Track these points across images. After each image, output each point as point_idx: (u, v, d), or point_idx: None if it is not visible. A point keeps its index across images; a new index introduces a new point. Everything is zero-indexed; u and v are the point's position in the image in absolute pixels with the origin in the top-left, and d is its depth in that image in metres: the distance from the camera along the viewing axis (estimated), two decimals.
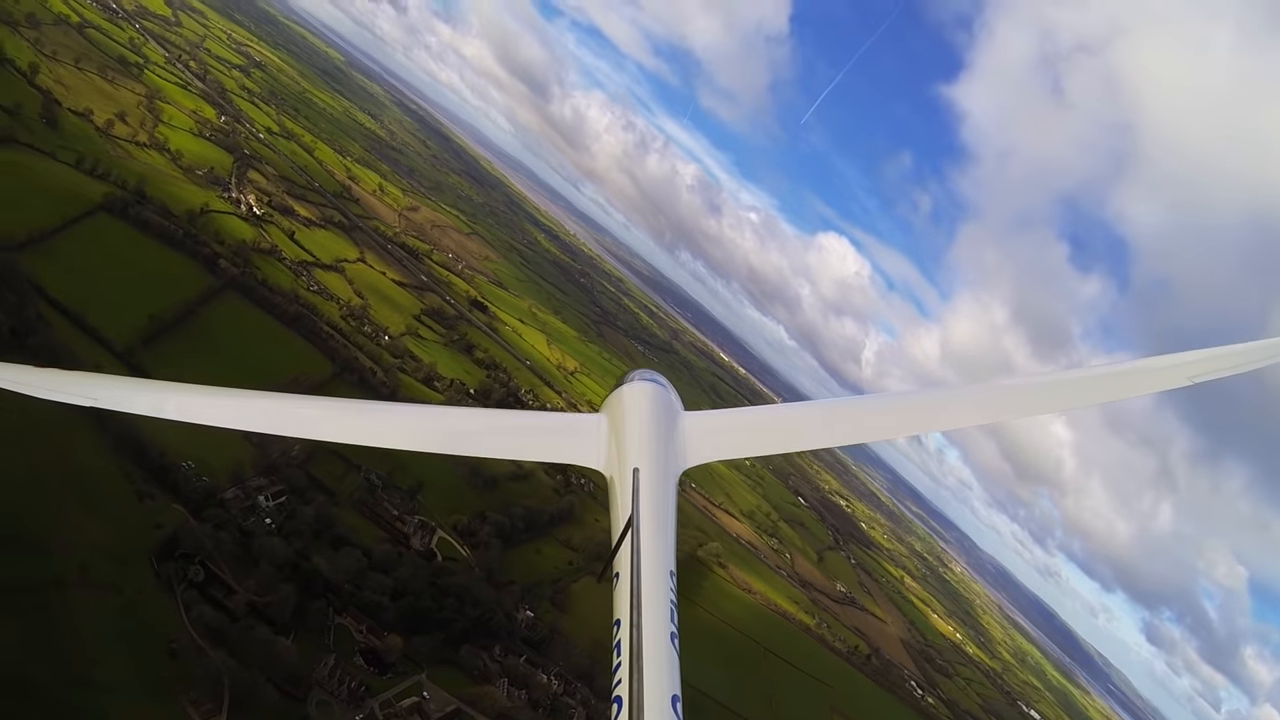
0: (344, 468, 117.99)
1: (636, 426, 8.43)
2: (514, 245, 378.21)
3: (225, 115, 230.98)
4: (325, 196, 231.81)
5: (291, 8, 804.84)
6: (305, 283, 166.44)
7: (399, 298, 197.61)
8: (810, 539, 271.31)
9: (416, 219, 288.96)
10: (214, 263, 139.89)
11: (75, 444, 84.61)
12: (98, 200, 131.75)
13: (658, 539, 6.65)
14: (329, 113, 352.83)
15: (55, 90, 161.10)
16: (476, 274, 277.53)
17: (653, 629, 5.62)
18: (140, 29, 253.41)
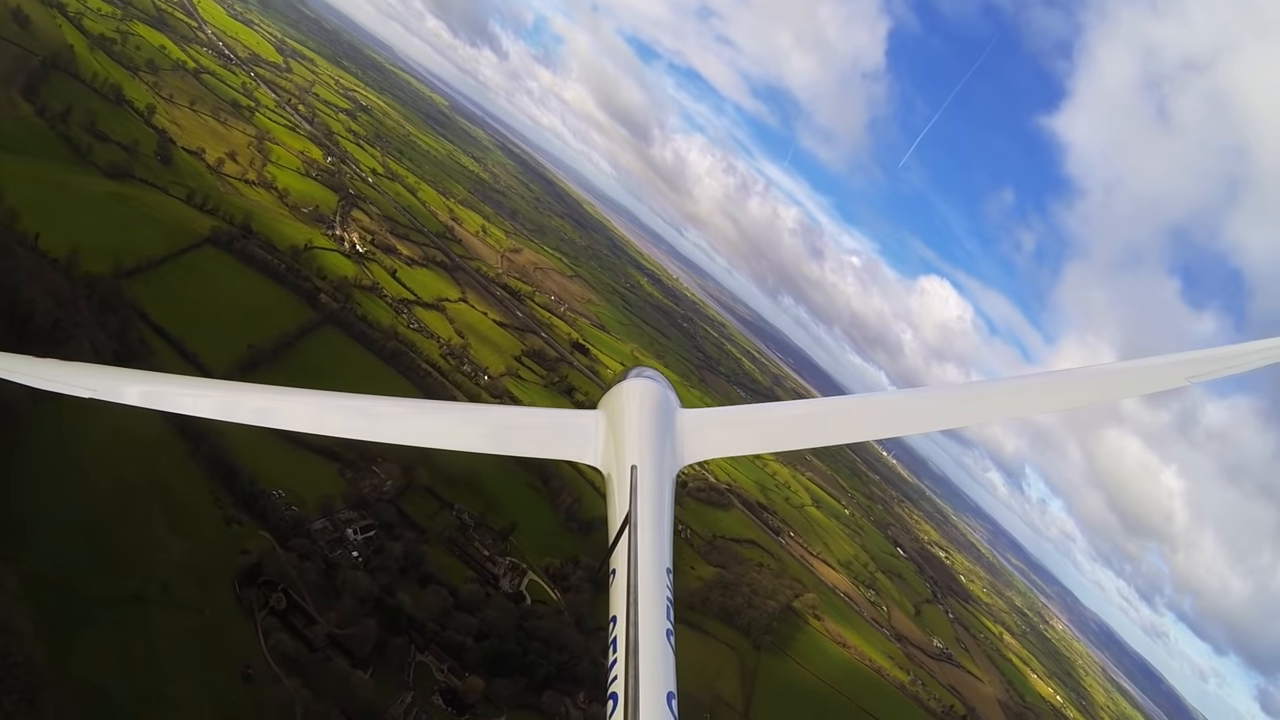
0: (436, 505, 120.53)
1: (634, 424, 8.79)
2: (617, 288, 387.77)
3: (331, 156, 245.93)
4: (428, 236, 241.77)
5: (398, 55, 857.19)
6: (405, 320, 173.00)
7: (500, 338, 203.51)
8: (908, 591, 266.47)
9: (519, 260, 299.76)
10: (315, 297, 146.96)
11: (166, 464, 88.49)
12: (205, 233, 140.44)
13: (655, 536, 7.04)
14: (433, 155, 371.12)
15: (170, 130, 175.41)
16: (579, 316, 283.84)
17: (649, 626, 5.98)
18: (253, 75, 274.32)
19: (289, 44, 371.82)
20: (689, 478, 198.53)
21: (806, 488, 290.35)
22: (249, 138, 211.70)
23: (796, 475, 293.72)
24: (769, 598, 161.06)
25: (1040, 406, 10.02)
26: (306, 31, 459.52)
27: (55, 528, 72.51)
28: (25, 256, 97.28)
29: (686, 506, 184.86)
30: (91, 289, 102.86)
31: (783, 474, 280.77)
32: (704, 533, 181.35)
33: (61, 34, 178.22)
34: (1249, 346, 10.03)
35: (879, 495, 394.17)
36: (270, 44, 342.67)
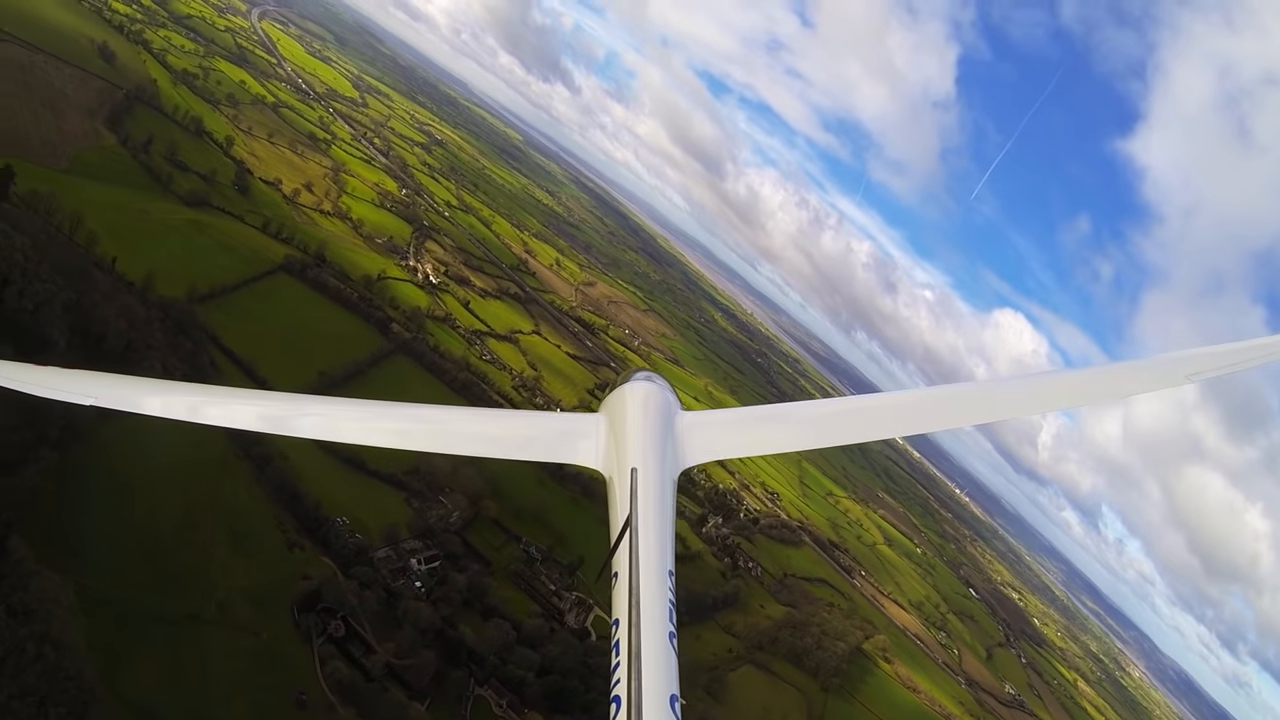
0: (503, 538, 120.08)
1: (635, 426, 8.90)
2: (691, 323, 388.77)
3: (406, 189, 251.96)
4: (502, 269, 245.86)
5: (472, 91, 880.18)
6: (478, 351, 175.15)
7: (572, 371, 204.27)
8: (980, 634, 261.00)
9: (593, 294, 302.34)
10: (387, 326, 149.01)
11: (231, 488, 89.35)
12: (279, 261, 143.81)
13: (656, 539, 7.07)
14: (507, 189, 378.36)
15: (248, 161, 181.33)
16: (652, 350, 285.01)
17: (651, 629, 5.98)
18: (330, 109, 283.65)
19: (365, 80, 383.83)
20: (761, 515, 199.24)
21: (879, 525, 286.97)
22: (325, 170, 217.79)
23: (869, 513, 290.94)
24: (839, 639, 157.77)
25: (1043, 405, 10.21)
26: (382, 68, 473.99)
27: (116, 546, 72.96)
28: (102, 279, 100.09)
29: (757, 543, 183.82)
30: (165, 312, 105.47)
31: (855, 511, 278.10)
32: (775, 571, 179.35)
33: (146, 69, 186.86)
34: (1247, 345, 10.26)
35: (951, 534, 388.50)
36: (347, 80, 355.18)
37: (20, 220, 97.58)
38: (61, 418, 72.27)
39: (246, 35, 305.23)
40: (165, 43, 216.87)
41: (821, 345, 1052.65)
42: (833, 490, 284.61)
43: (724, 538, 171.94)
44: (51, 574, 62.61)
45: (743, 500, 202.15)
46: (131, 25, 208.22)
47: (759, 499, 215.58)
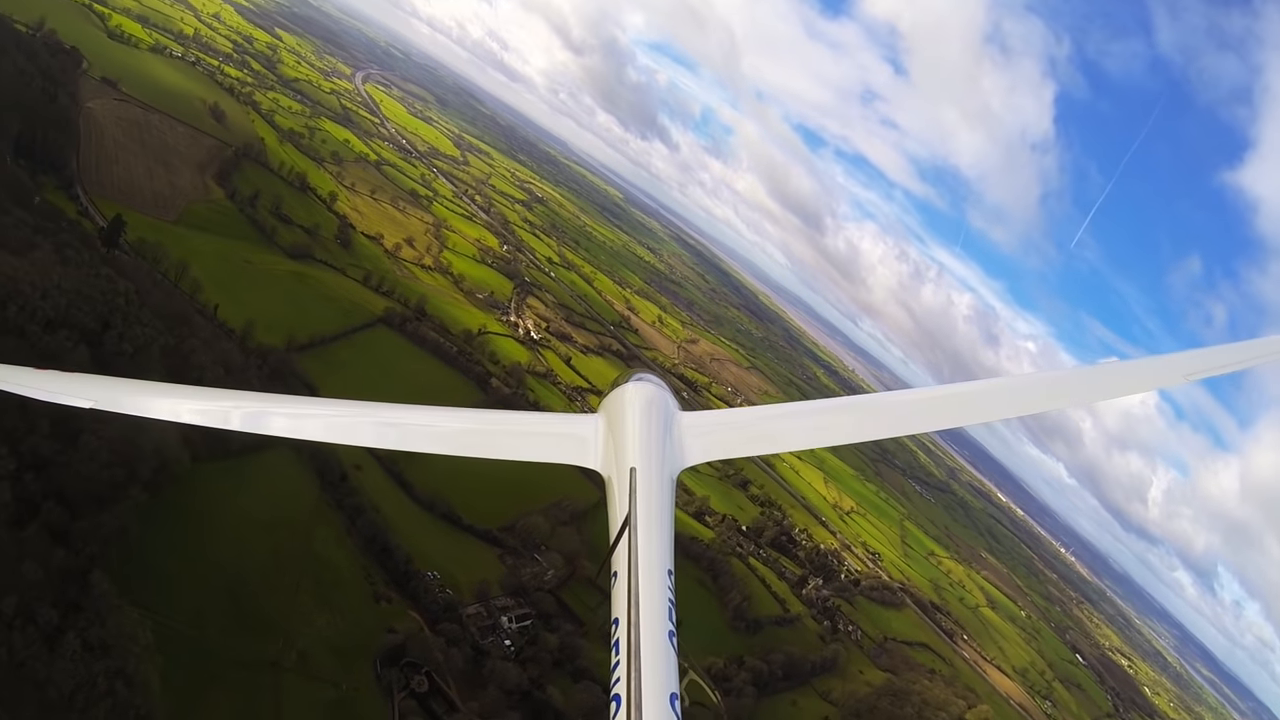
0: (598, 599, 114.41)
1: (633, 427, 8.89)
2: (793, 380, 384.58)
3: (507, 245, 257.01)
4: (604, 325, 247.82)
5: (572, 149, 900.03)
6: (579, 407, 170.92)
7: None
8: (1087, 704, 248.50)
9: (695, 351, 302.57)
10: (486, 381, 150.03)
11: (321, 536, 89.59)
12: (379, 314, 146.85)
13: (656, 538, 7.11)
14: (608, 246, 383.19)
15: (351, 216, 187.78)
16: None
17: (651, 627, 6.09)
18: (431, 167, 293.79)
19: (466, 139, 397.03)
20: (862, 575, 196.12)
21: (982, 587, 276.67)
22: (426, 225, 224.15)
23: (972, 573, 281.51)
24: (940, 709, 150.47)
25: (1042, 404, 10.53)
26: (483, 127, 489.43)
27: (201, 587, 72.88)
28: (203, 325, 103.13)
29: (858, 605, 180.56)
30: (263, 359, 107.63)
31: (957, 572, 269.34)
32: (875, 634, 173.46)
33: (254, 128, 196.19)
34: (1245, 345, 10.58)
35: (1057, 596, 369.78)
36: (448, 139, 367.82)
37: (126, 267, 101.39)
38: (155, 458, 73.05)
39: (351, 97, 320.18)
40: (273, 104, 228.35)
41: None
42: (935, 550, 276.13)
43: (824, 599, 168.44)
44: (131, 610, 62.87)
45: (844, 561, 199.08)
46: (242, 88, 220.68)
47: (860, 559, 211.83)
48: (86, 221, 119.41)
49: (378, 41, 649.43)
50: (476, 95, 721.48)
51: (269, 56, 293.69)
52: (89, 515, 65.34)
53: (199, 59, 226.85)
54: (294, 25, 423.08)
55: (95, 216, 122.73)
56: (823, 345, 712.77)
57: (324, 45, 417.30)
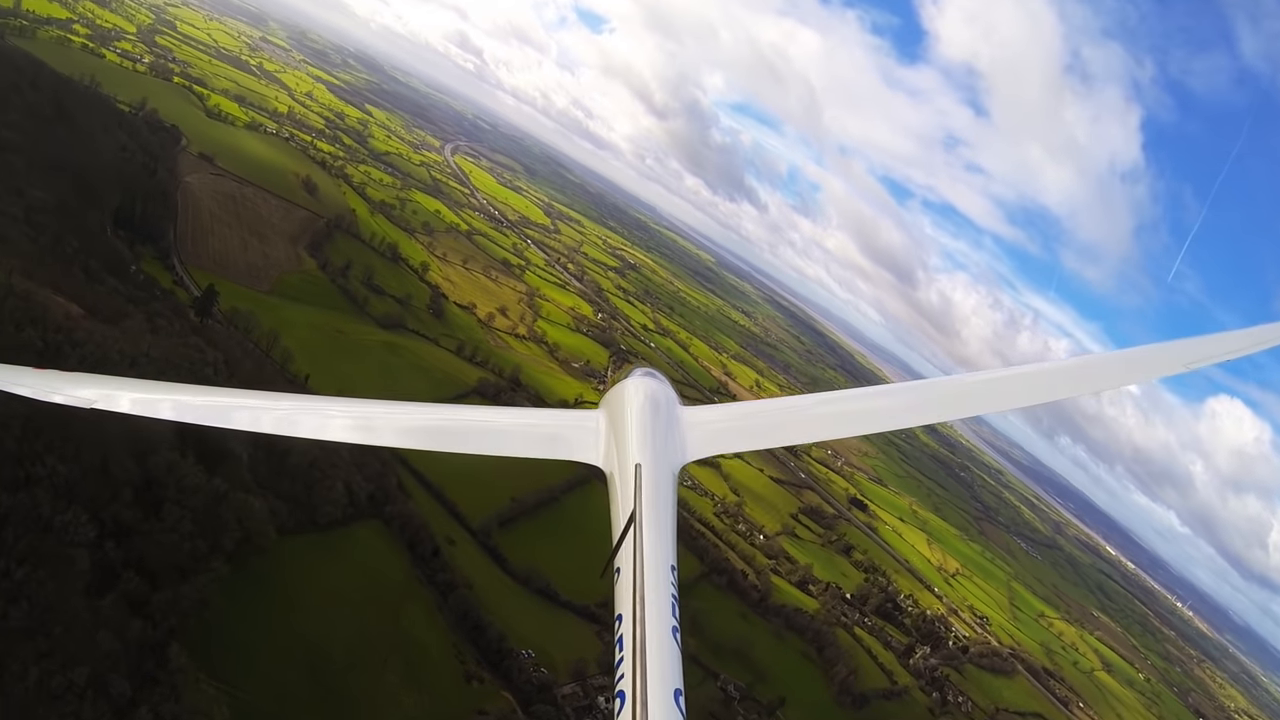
0: (700, 675, 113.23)
1: (636, 422, 8.78)
2: (892, 439, 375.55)
3: (601, 312, 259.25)
4: (701, 391, 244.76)
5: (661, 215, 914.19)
6: (679, 477, 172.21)
7: (775, 496, 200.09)
8: None
9: None
10: None
11: (410, 613, 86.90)
12: (472, 384, 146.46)
13: (659, 534, 6.99)
14: (703, 311, 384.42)
15: (443, 285, 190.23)
16: (855, 470, 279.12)
17: (655, 624, 6.02)
18: (523, 236, 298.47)
19: (556, 207, 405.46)
20: (970, 641, 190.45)
21: (1096, 649, 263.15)
22: (520, 294, 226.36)
23: (1084, 635, 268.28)
24: None
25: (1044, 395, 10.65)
26: (572, 195, 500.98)
27: (283, 663, 70.72)
28: None
29: (967, 674, 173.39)
30: None
31: (1069, 634, 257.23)
32: (986, 705, 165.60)
33: (346, 200, 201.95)
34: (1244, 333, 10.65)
35: (1176, 655, 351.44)
36: (538, 208, 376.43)
37: (218, 337, 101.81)
38: (240, 530, 72.23)
39: (440, 169, 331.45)
40: (365, 176, 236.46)
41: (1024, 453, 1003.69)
42: (1044, 611, 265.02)
43: (932, 669, 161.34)
44: (209, 685, 61.87)
45: (951, 626, 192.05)
46: (334, 162, 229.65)
47: (968, 624, 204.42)
48: (181, 291, 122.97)
49: (465, 114, 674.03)
50: (564, 164, 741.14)
51: (360, 131, 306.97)
52: (169, 586, 64.20)
53: (292, 135, 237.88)
54: (383, 101, 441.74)
55: (190, 286, 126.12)
56: None
57: (413, 119, 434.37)
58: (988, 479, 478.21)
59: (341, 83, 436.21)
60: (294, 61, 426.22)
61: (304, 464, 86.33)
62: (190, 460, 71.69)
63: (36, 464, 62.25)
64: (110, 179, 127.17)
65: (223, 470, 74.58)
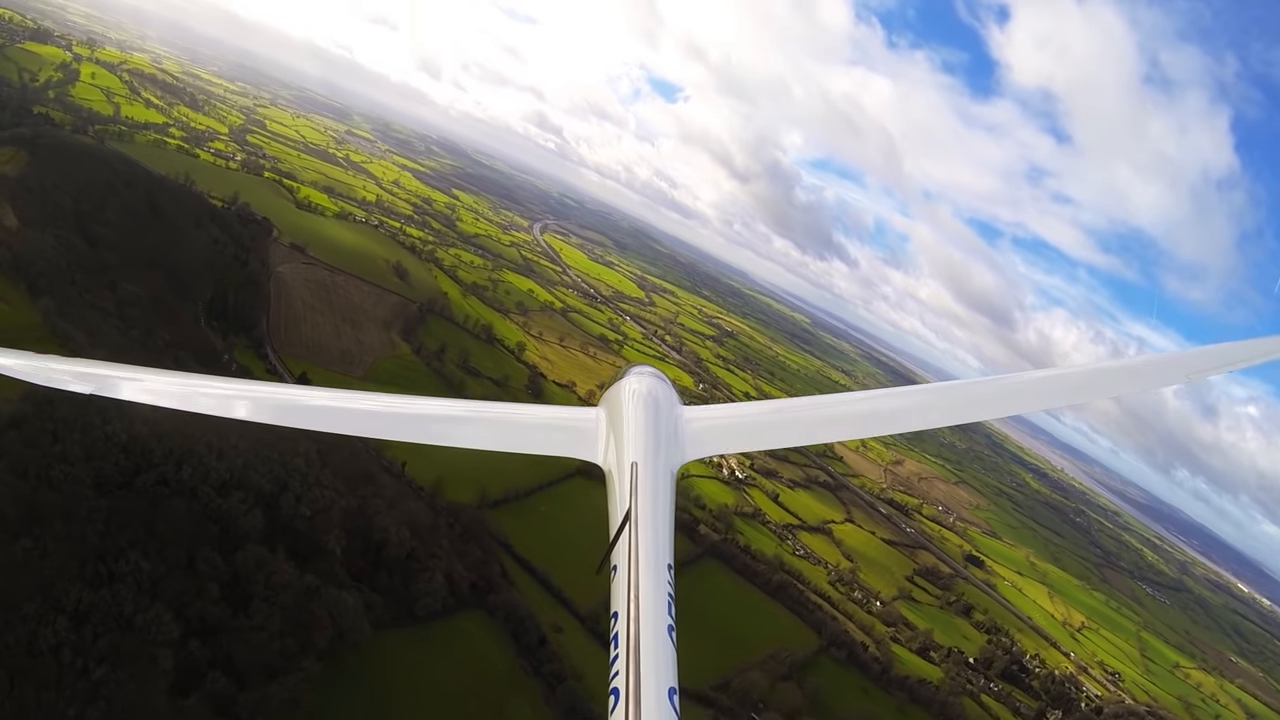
0: None
1: (634, 421, 8.80)
2: (1003, 489, 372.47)
3: (703, 383, 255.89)
4: (808, 457, 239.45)
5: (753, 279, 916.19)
6: (790, 547, 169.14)
7: (889, 559, 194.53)
8: None
9: (901, 472, 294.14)
10: (694, 529, 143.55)
11: (515, 705, 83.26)
12: (574, 465, 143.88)
13: (656, 533, 7.01)
14: (803, 373, 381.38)
15: (540, 365, 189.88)
16: (969, 525, 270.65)
17: (650, 622, 6.06)
18: (617, 310, 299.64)
19: (649, 280, 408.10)
20: (1104, 701, 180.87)
21: (1238, 699, 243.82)
22: (618, 370, 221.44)
23: (1224, 684, 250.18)
24: None
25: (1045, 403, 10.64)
26: (663, 267, 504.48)
27: None
28: (389, 484, 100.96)
29: None
30: (454, 518, 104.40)
31: (1208, 684, 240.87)
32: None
33: (438, 284, 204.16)
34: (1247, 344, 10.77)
35: None
36: (631, 281, 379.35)
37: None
38: (333, 626, 69.69)
39: (530, 248, 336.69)
40: (455, 260, 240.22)
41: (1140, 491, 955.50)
42: (1179, 661, 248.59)
43: None
44: None
45: (1082, 686, 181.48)
46: (424, 246, 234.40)
47: (1099, 682, 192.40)
48: (274, 380, 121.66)
49: (550, 193, 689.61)
50: (653, 235, 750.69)
51: (448, 215, 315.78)
52: (257, 686, 61.76)
53: (381, 222, 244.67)
54: (469, 185, 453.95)
55: (284, 374, 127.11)
56: (1027, 448, 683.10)
57: (500, 201, 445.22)
58: (1105, 522, 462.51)
59: (427, 169, 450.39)
60: (379, 152, 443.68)
61: (400, 555, 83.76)
62: (280, 555, 69.57)
63: (119, 560, 60.56)
64: (203, 271, 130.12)
65: (315, 565, 72.23)
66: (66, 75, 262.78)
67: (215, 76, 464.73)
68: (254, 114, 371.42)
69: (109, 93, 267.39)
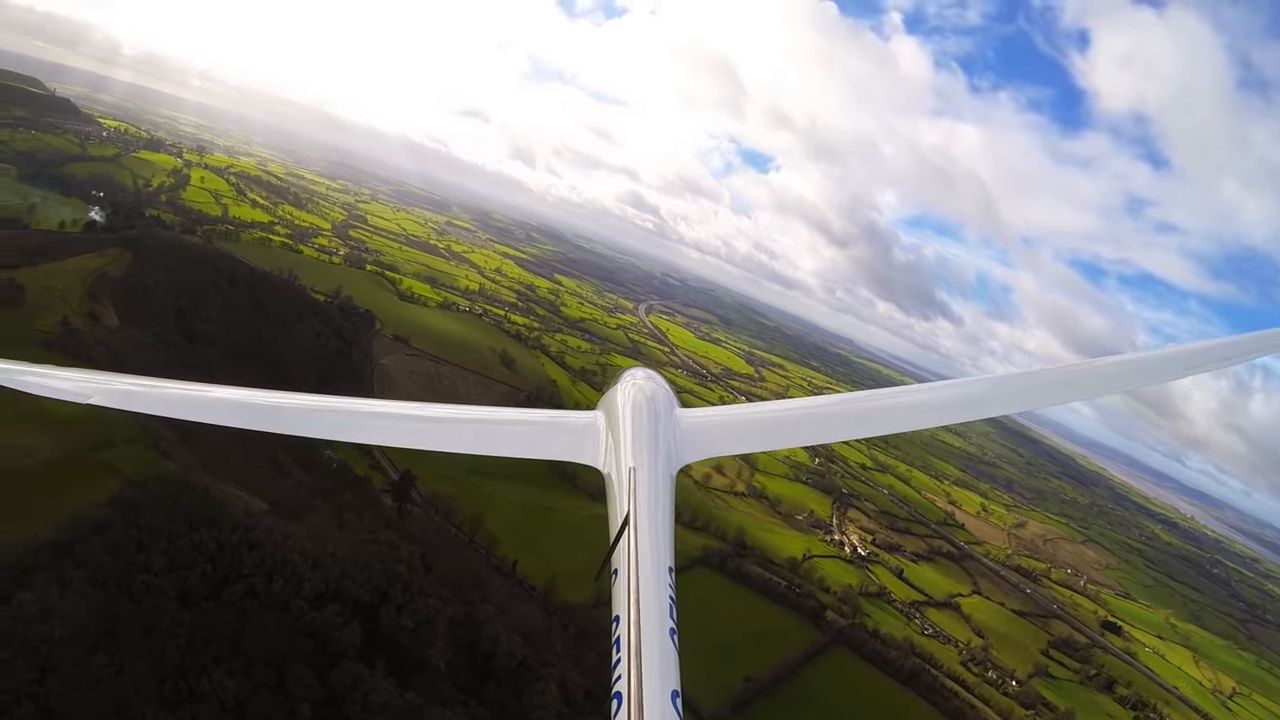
0: None
1: (633, 424, 8.81)
2: (1132, 545, 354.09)
3: (818, 457, 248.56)
4: (929, 526, 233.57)
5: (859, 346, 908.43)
6: (919, 626, 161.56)
7: (1021, 632, 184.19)
8: None
9: (1025, 535, 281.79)
10: (819, 614, 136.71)
11: None
12: (696, 554, 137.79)
13: (656, 536, 7.02)
14: (916, 438, 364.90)
15: None
16: (1101, 587, 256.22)
17: (651, 625, 6.04)
18: (727, 387, 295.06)
19: (756, 354, 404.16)
20: None
21: None
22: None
23: None
24: None
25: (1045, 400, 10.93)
26: (770, 340, 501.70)
27: None
28: (499, 587, 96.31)
29: None
30: (569, 620, 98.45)
31: None
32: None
33: (545, 370, 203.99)
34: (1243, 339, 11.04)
35: None
36: (739, 357, 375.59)
37: (413, 531, 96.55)
38: None
39: (637, 329, 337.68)
40: (561, 345, 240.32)
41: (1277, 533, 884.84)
42: None
43: None
44: None
45: None
46: (529, 333, 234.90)
47: None
48: (377, 475, 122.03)
49: (653, 273, 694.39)
50: (758, 309, 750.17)
51: (552, 301, 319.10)
52: None
53: (485, 310, 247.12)
54: (571, 269, 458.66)
55: (386, 468, 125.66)
56: (1153, 497, 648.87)
57: (603, 284, 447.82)
58: (1244, 571, 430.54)
59: (528, 256, 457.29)
60: (480, 241, 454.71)
61: (511, 665, 77.85)
62: (380, 672, 64.84)
63: (201, 678, 56.74)
64: (305, 365, 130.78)
65: (417, 681, 66.85)
66: (178, 180, 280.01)
67: (317, 175, 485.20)
68: (355, 209, 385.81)
69: (217, 195, 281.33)
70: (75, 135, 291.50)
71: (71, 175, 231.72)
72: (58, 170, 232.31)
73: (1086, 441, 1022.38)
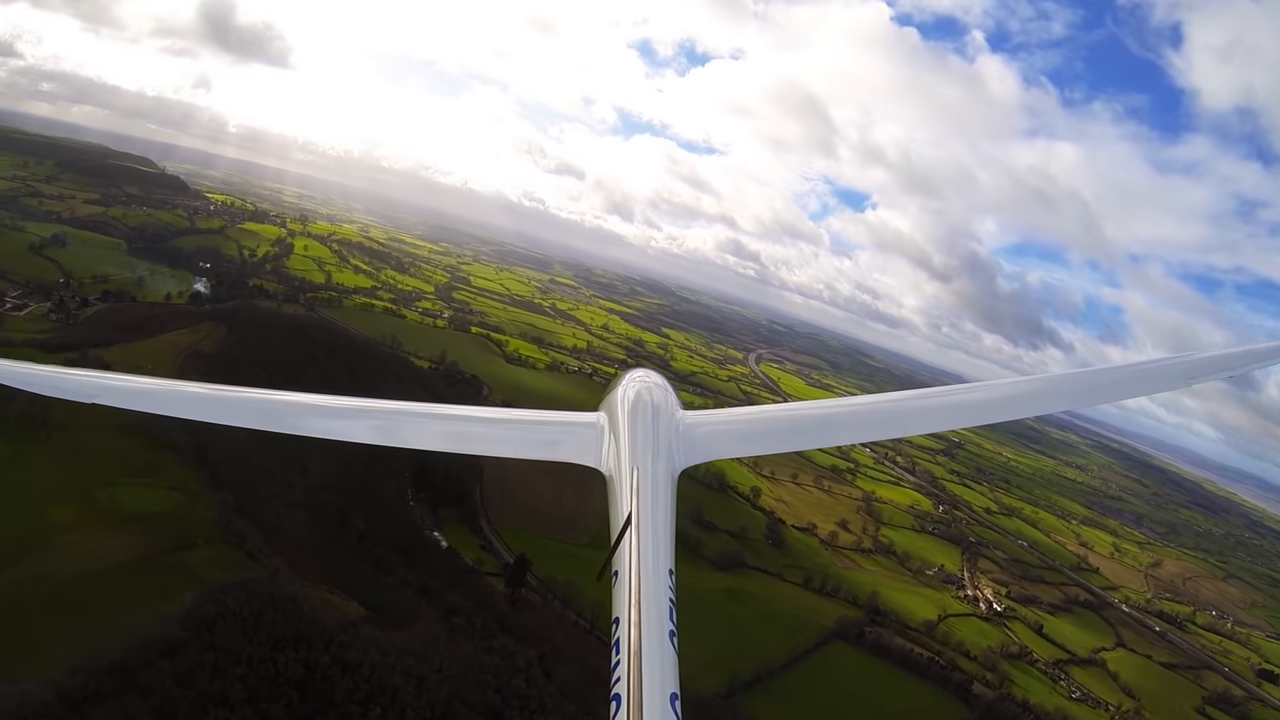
0: None
1: (634, 425, 8.68)
2: (1276, 579, 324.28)
3: (942, 504, 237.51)
4: (1064, 574, 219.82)
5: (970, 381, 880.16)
6: (1065, 689, 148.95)
7: (1172, 688, 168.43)
8: None
9: (1162, 575, 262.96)
10: (966, 689, 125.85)
11: None
12: (829, 626, 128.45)
13: (657, 538, 6.95)
14: (1038, 476, 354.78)
15: (778, 509, 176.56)
16: (1250, 630, 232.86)
17: (652, 627, 5.95)
18: None
19: None
20: None
21: None
22: (856, 502, 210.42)
23: None
24: None
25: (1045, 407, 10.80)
26: (879, 382, 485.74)
27: None
28: None
29: None
30: (702, 712, 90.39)
31: None
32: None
33: None
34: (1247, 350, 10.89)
35: None
36: None
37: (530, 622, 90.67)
38: None
39: (748, 380, 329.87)
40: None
41: None
42: None
43: None
44: None
45: None
46: None
47: None
48: (488, 558, 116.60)
49: (759, 321, 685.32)
50: (865, 350, 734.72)
51: (661, 355, 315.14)
52: None
53: (595, 369, 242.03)
54: (678, 321, 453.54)
55: (499, 549, 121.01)
56: None
57: (710, 336, 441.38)
58: None
59: (634, 310, 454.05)
60: (585, 298, 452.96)
61: None
62: None
63: None
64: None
65: None
66: (282, 249, 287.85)
67: (419, 239, 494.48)
68: (458, 271, 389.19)
69: (320, 262, 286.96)
70: (184, 210, 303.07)
71: (180, 248, 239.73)
72: (167, 244, 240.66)
73: (1212, 465, 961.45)
